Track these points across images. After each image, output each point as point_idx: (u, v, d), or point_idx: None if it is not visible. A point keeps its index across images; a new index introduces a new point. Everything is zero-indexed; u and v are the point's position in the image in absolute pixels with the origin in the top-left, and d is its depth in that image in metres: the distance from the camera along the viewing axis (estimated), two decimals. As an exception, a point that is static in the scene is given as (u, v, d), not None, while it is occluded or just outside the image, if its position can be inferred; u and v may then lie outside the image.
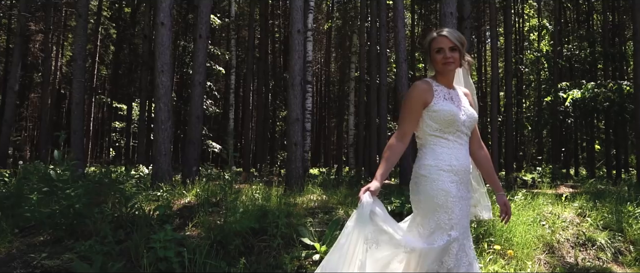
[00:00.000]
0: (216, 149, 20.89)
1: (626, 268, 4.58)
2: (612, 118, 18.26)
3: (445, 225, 2.52)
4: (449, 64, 2.61)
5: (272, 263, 4.02)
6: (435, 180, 2.55)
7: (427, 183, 2.55)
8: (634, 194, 6.70)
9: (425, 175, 2.56)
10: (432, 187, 2.54)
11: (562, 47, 20.90)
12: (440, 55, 2.60)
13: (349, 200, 6.03)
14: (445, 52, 2.60)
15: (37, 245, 4.03)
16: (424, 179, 2.56)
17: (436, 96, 2.62)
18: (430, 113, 2.59)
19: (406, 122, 2.60)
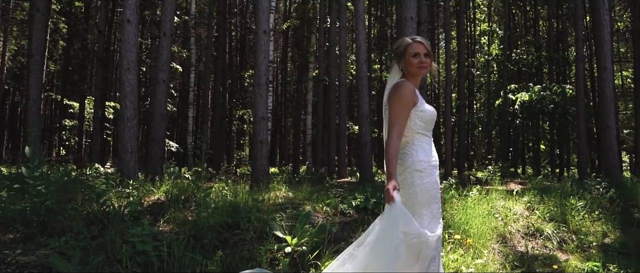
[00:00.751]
0: (173, 148, 20.65)
1: (569, 255, 5.02)
2: (556, 119, 19.33)
3: (437, 214, 2.83)
4: (423, 68, 2.88)
5: (246, 256, 4.17)
6: (429, 174, 2.83)
7: (423, 177, 2.81)
8: (576, 189, 7.25)
9: (421, 170, 2.82)
10: (428, 181, 2.81)
11: (511, 51, 21.89)
12: (416, 60, 2.86)
13: (314, 196, 6.23)
14: (421, 57, 2.86)
15: (8, 242, 4.01)
16: (419, 174, 2.81)
17: (419, 97, 2.89)
18: (418, 113, 2.85)
19: (403, 121, 2.80)
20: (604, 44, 9.37)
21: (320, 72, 18.76)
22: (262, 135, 7.29)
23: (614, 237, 5.55)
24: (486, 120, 24.54)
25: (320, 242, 4.40)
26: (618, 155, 10.75)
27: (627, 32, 24.41)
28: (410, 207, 2.77)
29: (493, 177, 10.64)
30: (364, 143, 10.05)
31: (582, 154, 13.14)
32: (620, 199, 6.90)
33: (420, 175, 2.81)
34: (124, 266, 3.56)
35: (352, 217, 5.46)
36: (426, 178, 2.81)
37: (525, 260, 4.72)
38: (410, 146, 2.87)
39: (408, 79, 2.94)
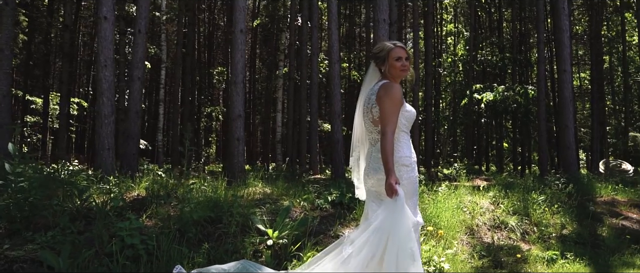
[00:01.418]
0: (142, 145, 20.43)
1: (531, 245, 5.39)
2: (518, 119, 20.06)
3: (417, 205, 3.09)
4: (405, 70, 3.13)
5: (230, 248, 4.33)
6: (413, 169, 3.10)
7: (409, 172, 3.06)
8: (537, 185, 7.68)
9: (407, 165, 3.07)
10: (413, 175, 3.08)
11: (476, 52, 22.55)
12: (399, 63, 3.10)
13: (291, 192, 6.42)
14: (403, 61, 3.11)
15: (-3, 237, 4.05)
16: (406, 169, 3.06)
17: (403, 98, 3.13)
18: (404, 113, 3.09)
19: (395, 119, 3.01)
20: (564, 48, 9.90)
21: (291, 70, 18.91)
22: (238, 133, 7.43)
23: (572, 228, 5.97)
24: (452, 119, 25.27)
25: (300, 235, 4.60)
26: (576, 153, 11.34)
27: (585, 36, 25.51)
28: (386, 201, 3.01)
29: (459, 173, 11.06)
30: (336, 141, 10.28)
31: (542, 152, 13.75)
32: (577, 194, 7.37)
33: (407, 169, 3.05)
34: (114, 259, 3.68)
35: (329, 211, 5.67)
36: (411, 173, 3.07)
37: (492, 250, 5.05)
38: (397, 143, 3.08)
39: (391, 80, 3.17)
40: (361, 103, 3.27)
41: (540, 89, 14.26)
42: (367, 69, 3.39)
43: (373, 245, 2.86)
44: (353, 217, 5.43)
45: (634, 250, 5.40)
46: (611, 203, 7.55)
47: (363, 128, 3.29)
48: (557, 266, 4.73)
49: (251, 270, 3.76)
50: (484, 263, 4.76)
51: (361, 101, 3.27)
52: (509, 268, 4.67)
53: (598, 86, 19.61)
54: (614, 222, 6.59)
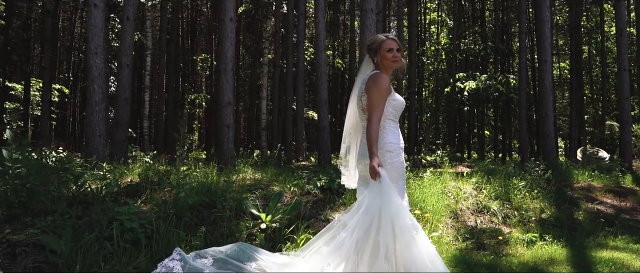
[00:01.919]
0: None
1: (512, 228, 5.65)
2: (500, 107, 20.44)
3: (402, 190, 3.25)
4: (397, 61, 3.29)
5: (225, 232, 4.49)
6: (398, 154, 3.24)
7: (393, 157, 3.22)
8: (517, 171, 7.96)
9: (391, 150, 3.22)
10: (397, 160, 3.23)
11: (459, 41, 22.82)
12: (391, 54, 3.25)
13: (281, 178, 6.58)
14: (394, 52, 3.26)
15: (-5, 222, 4.13)
16: (390, 154, 3.21)
17: (391, 87, 3.29)
18: (391, 101, 3.24)
19: (382, 108, 3.17)
20: (545, 38, 10.17)
21: (276, 57, 18.94)
22: (228, 120, 7.54)
23: (550, 212, 6.25)
24: (434, 107, 25.58)
25: (292, 219, 4.77)
26: (555, 141, 11.70)
27: (566, 26, 25.97)
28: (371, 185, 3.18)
29: (443, 160, 11.32)
30: (323, 128, 10.44)
31: (523, 140, 14.13)
32: (556, 180, 7.67)
33: (391, 155, 3.21)
34: (114, 243, 3.80)
35: (318, 196, 5.84)
36: (395, 158, 3.23)
37: (475, 233, 5.29)
38: (382, 130, 3.24)
39: (382, 70, 3.33)
40: (354, 92, 3.42)
41: (521, 78, 14.59)
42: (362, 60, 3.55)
43: (363, 225, 3.04)
44: (342, 201, 5.61)
45: (608, 233, 5.70)
46: (587, 189, 7.88)
47: (356, 117, 3.44)
48: (536, 247, 4.99)
49: (247, 252, 3.91)
50: (468, 245, 5.00)
51: (355, 91, 3.42)
52: (491, 250, 4.92)
53: (577, 76, 20.07)
54: (589, 206, 6.90)
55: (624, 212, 6.80)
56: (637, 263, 4.35)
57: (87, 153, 6.78)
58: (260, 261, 3.82)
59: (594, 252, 4.77)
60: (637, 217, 6.75)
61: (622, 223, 6.13)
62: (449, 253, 4.58)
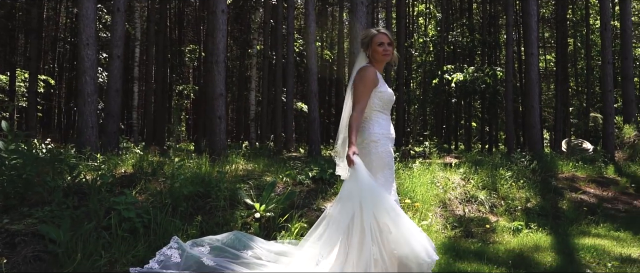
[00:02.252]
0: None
1: (499, 217, 5.82)
2: (486, 99, 20.69)
3: (390, 179, 3.36)
4: (387, 55, 3.39)
5: (220, 221, 4.58)
6: (383, 144, 3.35)
7: (378, 147, 3.33)
8: (504, 162, 8.14)
9: (376, 141, 3.34)
10: (382, 150, 3.34)
11: (447, 33, 23.00)
12: (381, 48, 3.36)
13: (273, 168, 6.66)
14: (385, 46, 3.37)
15: (-8, 212, 4.17)
16: (374, 144, 3.33)
17: (380, 80, 3.39)
18: (377, 93, 3.35)
19: (365, 100, 3.30)
20: (531, 32, 10.34)
21: (265, 48, 18.94)
22: (220, 111, 7.59)
23: (535, 201, 6.43)
24: (422, 98, 25.80)
25: (286, 208, 4.88)
26: (540, 132, 11.92)
27: (552, 19, 26.26)
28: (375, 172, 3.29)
29: (431, 151, 11.48)
30: (313, 119, 10.52)
31: (509, 131, 14.35)
32: (541, 170, 7.86)
33: (375, 145, 3.33)
34: (113, 232, 3.87)
35: (310, 186, 5.94)
36: (380, 148, 3.33)
37: (463, 221, 5.45)
38: (368, 121, 3.38)
39: (374, 64, 3.44)
40: (349, 86, 3.53)
41: (508, 71, 14.79)
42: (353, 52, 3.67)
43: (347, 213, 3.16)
44: (334, 191, 5.71)
45: (590, 221, 5.89)
46: (571, 179, 8.08)
47: (350, 110, 3.54)
48: (522, 235, 5.16)
49: (243, 240, 4.02)
50: (456, 233, 5.15)
51: (350, 84, 3.53)
52: (479, 238, 5.07)
53: (562, 68, 20.37)
54: (573, 196, 7.10)
55: (606, 201, 7.02)
56: (618, 250, 4.53)
57: (79, 145, 6.79)
58: (256, 249, 3.94)
59: (577, 239, 4.95)
60: (618, 205, 6.96)
61: (604, 212, 6.33)
62: (438, 241, 4.72)
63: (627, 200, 7.25)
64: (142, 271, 3.50)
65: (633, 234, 5.21)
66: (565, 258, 4.21)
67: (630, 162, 10.18)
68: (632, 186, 7.93)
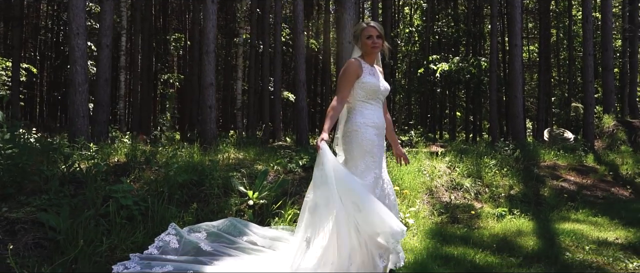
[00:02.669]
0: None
1: (483, 204, 6.03)
2: (471, 89, 20.97)
3: (371, 165, 3.48)
4: (376, 47, 3.53)
5: (215, 209, 4.69)
6: (364, 132, 3.48)
7: (358, 135, 3.48)
8: (488, 151, 8.36)
9: (357, 129, 3.48)
10: (362, 138, 3.47)
11: (433, 23, 23.18)
12: (370, 41, 3.50)
13: (264, 157, 6.78)
14: (374, 39, 3.50)
15: (-13, 202, 4.22)
16: (356, 133, 3.48)
17: (364, 71, 3.52)
18: (360, 84, 3.50)
19: (345, 90, 3.46)
20: (516, 23, 10.55)
21: (252, 37, 18.91)
22: (211, 101, 7.67)
23: (518, 189, 6.66)
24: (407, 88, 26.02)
25: (278, 196, 5.01)
26: (523, 122, 12.19)
27: (535, 10, 26.61)
28: (351, 159, 3.48)
29: (417, 140, 11.69)
30: (301, 108, 10.63)
31: (493, 121, 14.62)
32: (524, 159, 8.11)
33: (356, 133, 3.47)
34: (111, 220, 3.96)
35: (301, 175, 6.08)
36: (360, 136, 3.47)
37: (449, 208, 5.64)
38: (352, 111, 3.55)
39: (364, 57, 3.58)
40: None
41: (492, 61, 15.02)
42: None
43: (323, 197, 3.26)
44: (324, 179, 5.85)
45: (570, 207, 6.14)
46: (553, 167, 8.34)
47: None
48: (506, 221, 5.37)
49: (238, 227, 4.15)
50: (443, 219, 5.34)
51: None
52: (464, 223, 5.27)
53: (545, 59, 20.72)
54: (554, 183, 7.35)
55: (585, 189, 7.28)
56: (595, 234, 4.76)
57: (71, 134, 6.83)
58: (250, 235, 4.07)
59: (558, 225, 5.17)
60: (597, 192, 7.23)
61: (583, 198, 6.59)
62: (426, 226, 4.91)
63: (605, 188, 7.53)
64: (142, 257, 3.60)
65: (610, 219, 5.45)
66: (546, 242, 4.42)
67: (609, 150, 10.51)
68: (610, 174, 8.22)
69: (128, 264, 3.46)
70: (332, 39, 30.02)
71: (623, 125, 11.73)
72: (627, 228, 4.98)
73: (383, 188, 3.56)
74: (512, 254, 4.01)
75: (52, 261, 3.41)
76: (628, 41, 16.11)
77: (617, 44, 21.70)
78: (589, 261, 3.83)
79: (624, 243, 4.41)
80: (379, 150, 3.56)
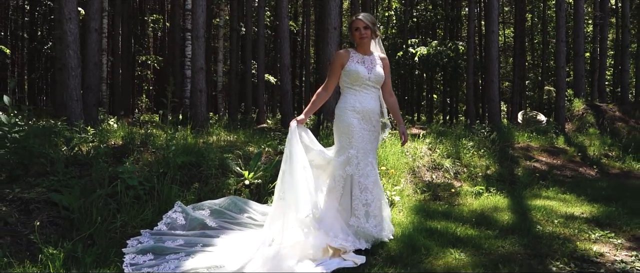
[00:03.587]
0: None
1: (462, 183, 6.46)
2: (448, 72, 21.46)
3: (345, 146, 3.86)
4: (363, 38, 3.88)
5: (214, 188, 4.98)
6: (343, 116, 3.90)
7: (338, 118, 3.95)
8: (466, 133, 8.80)
9: (339, 113, 3.94)
10: (341, 120, 3.90)
11: (412, 7, 23.50)
12: (357, 33, 3.87)
13: (255, 139, 7.07)
14: (361, 31, 3.86)
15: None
16: (338, 116, 3.95)
17: (350, 60, 3.88)
18: (345, 71, 3.89)
19: (331, 78, 3.93)
20: (493, 10, 10.95)
21: (233, 20, 18.97)
22: (201, 84, 7.88)
23: (494, 169, 7.12)
24: (386, 71, 26.33)
25: (273, 176, 5.31)
26: (499, 105, 12.69)
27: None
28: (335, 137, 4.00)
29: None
30: (286, 92, 10.91)
31: (469, 104, 15.13)
32: (500, 141, 8.58)
33: (339, 116, 3.93)
34: (119, 199, 4.22)
35: (291, 157, 6.39)
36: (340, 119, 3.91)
37: (431, 186, 6.05)
38: (341, 96, 3.99)
39: (356, 47, 3.94)
40: None
41: (469, 45, 15.48)
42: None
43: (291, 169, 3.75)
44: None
45: (541, 185, 6.62)
46: (526, 149, 8.84)
47: None
48: (483, 198, 5.81)
49: (239, 204, 4.46)
50: (426, 197, 5.75)
51: None
52: (445, 201, 5.69)
53: (520, 44, 21.30)
54: (527, 163, 7.84)
55: (555, 168, 7.79)
56: (563, 209, 5.22)
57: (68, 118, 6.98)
58: (250, 212, 4.40)
59: (530, 201, 5.62)
60: (566, 172, 7.75)
61: (553, 177, 7.09)
62: (410, 203, 5.30)
63: (573, 167, 8.06)
64: (153, 232, 3.90)
65: (577, 196, 5.94)
66: (519, 217, 4.85)
67: (578, 133, 11.10)
68: (579, 155, 8.76)
69: (141, 239, 3.75)
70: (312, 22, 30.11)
71: (592, 109, 12.35)
72: (592, 204, 5.46)
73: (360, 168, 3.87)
74: (489, 227, 4.42)
75: (70, 237, 3.66)
76: (598, 27, 16.75)
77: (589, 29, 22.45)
78: (557, 233, 4.26)
79: (588, 217, 4.87)
80: (361, 133, 3.89)
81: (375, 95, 4.00)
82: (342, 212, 3.87)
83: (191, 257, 3.45)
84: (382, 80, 3.99)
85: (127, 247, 3.62)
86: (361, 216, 3.79)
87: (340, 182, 3.87)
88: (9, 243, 3.49)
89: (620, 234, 4.26)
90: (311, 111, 3.98)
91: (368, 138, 3.95)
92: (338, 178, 3.87)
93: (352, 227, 3.80)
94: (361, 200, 3.81)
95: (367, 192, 3.83)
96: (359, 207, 3.81)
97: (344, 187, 3.86)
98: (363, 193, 3.82)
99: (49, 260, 3.21)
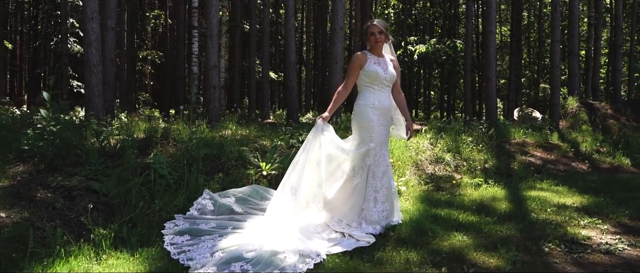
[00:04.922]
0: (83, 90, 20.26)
1: (462, 175, 6.90)
2: (446, 70, 21.90)
3: (366, 139, 4.29)
4: (378, 42, 4.31)
5: (235, 178, 5.40)
6: (362, 113, 4.33)
7: (359, 115, 4.35)
8: (465, 129, 9.24)
9: (358, 110, 4.37)
10: (361, 117, 4.29)
11: (411, 5, 23.91)
12: (373, 37, 4.30)
13: (266, 133, 7.48)
14: (376, 35, 4.28)
15: (39, 172, 4.80)
16: (357, 112, 4.37)
17: (369, 62, 4.30)
18: (364, 72, 4.30)
19: (350, 77, 4.34)
20: (491, 10, 11.39)
21: (236, 18, 19.31)
22: (214, 81, 8.28)
23: (492, 162, 7.56)
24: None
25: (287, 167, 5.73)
26: (496, 102, 13.13)
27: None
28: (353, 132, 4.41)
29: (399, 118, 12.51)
30: (291, 88, 11.30)
31: (467, 101, 15.59)
32: (497, 136, 9.01)
33: (358, 113, 4.35)
34: (151, 187, 4.63)
35: (301, 150, 6.80)
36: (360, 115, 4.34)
37: (433, 178, 6.49)
38: (359, 94, 4.42)
39: (371, 49, 4.37)
40: None
41: (467, 43, 15.92)
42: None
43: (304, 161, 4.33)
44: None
45: (536, 178, 7.07)
46: (522, 144, 9.29)
47: None
48: (482, 189, 6.25)
49: (261, 192, 4.89)
50: (429, 187, 6.19)
51: None
52: (447, 191, 6.13)
53: (517, 42, 21.77)
54: (523, 158, 8.29)
55: (549, 163, 8.24)
56: (556, 199, 5.67)
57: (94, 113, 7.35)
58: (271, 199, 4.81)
59: (525, 192, 6.07)
60: (559, 166, 8.20)
61: (547, 171, 7.55)
62: (415, 193, 5.74)
63: (566, 162, 8.51)
64: (186, 217, 4.31)
65: (569, 188, 6.39)
66: (515, 206, 5.29)
67: (572, 129, 11.56)
68: (572, 150, 9.21)
69: (177, 222, 4.17)
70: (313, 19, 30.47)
71: (585, 107, 12.81)
72: (582, 195, 5.91)
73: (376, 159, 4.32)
74: (488, 215, 4.86)
75: (113, 220, 4.07)
76: (593, 27, 17.21)
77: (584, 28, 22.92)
78: (550, 219, 4.71)
79: (578, 207, 5.32)
80: (378, 129, 4.34)
81: (389, 93, 4.44)
82: (357, 199, 4.30)
83: (224, 238, 3.86)
84: (394, 79, 4.43)
85: (165, 229, 4.03)
86: (371, 200, 4.24)
87: (359, 172, 4.31)
88: (60, 225, 3.90)
89: (606, 221, 4.71)
90: (334, 108, 4.40)
91: (384, 133, 4.42)
92: (358, 169, 4.32)
93: (363, 211, 4.25)
94: (372, 186, 4.27)
95: (376, 179, 4.29)
96: (370, 193, 4.26)
97: (362, 176, 4.28)
98: (374, 180, 4.27)
99: (101, 239, 3.62)
